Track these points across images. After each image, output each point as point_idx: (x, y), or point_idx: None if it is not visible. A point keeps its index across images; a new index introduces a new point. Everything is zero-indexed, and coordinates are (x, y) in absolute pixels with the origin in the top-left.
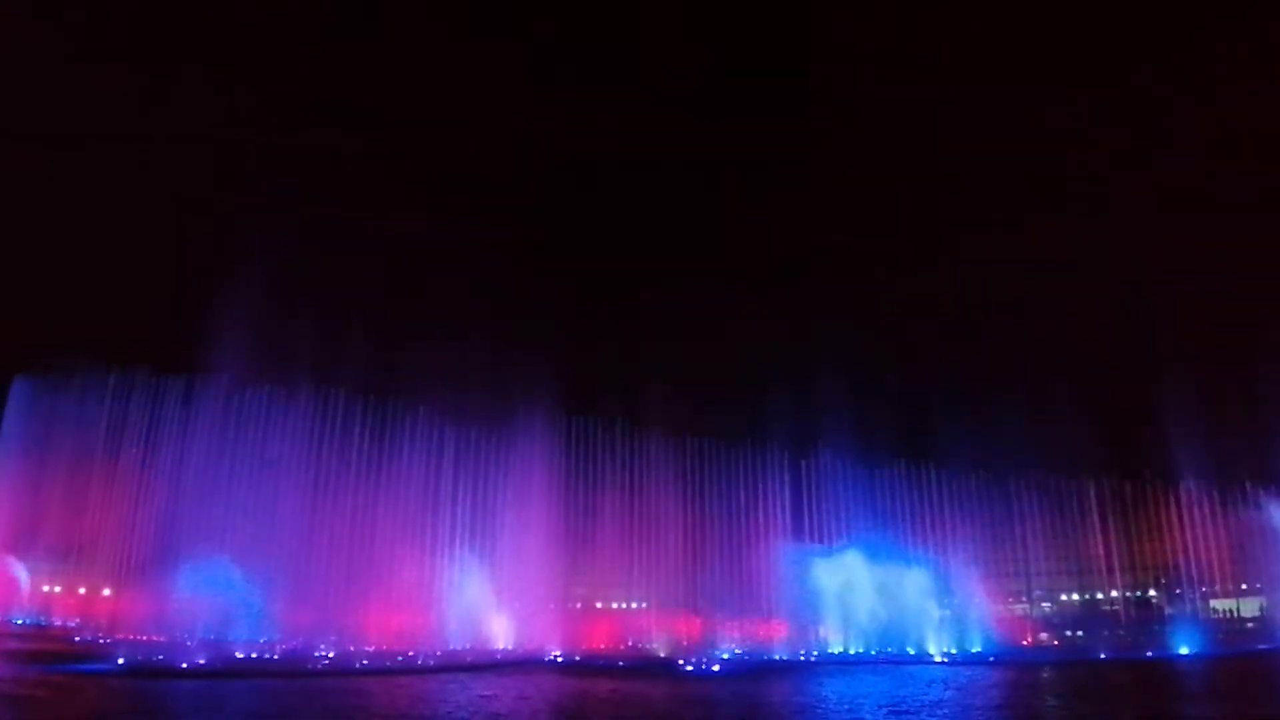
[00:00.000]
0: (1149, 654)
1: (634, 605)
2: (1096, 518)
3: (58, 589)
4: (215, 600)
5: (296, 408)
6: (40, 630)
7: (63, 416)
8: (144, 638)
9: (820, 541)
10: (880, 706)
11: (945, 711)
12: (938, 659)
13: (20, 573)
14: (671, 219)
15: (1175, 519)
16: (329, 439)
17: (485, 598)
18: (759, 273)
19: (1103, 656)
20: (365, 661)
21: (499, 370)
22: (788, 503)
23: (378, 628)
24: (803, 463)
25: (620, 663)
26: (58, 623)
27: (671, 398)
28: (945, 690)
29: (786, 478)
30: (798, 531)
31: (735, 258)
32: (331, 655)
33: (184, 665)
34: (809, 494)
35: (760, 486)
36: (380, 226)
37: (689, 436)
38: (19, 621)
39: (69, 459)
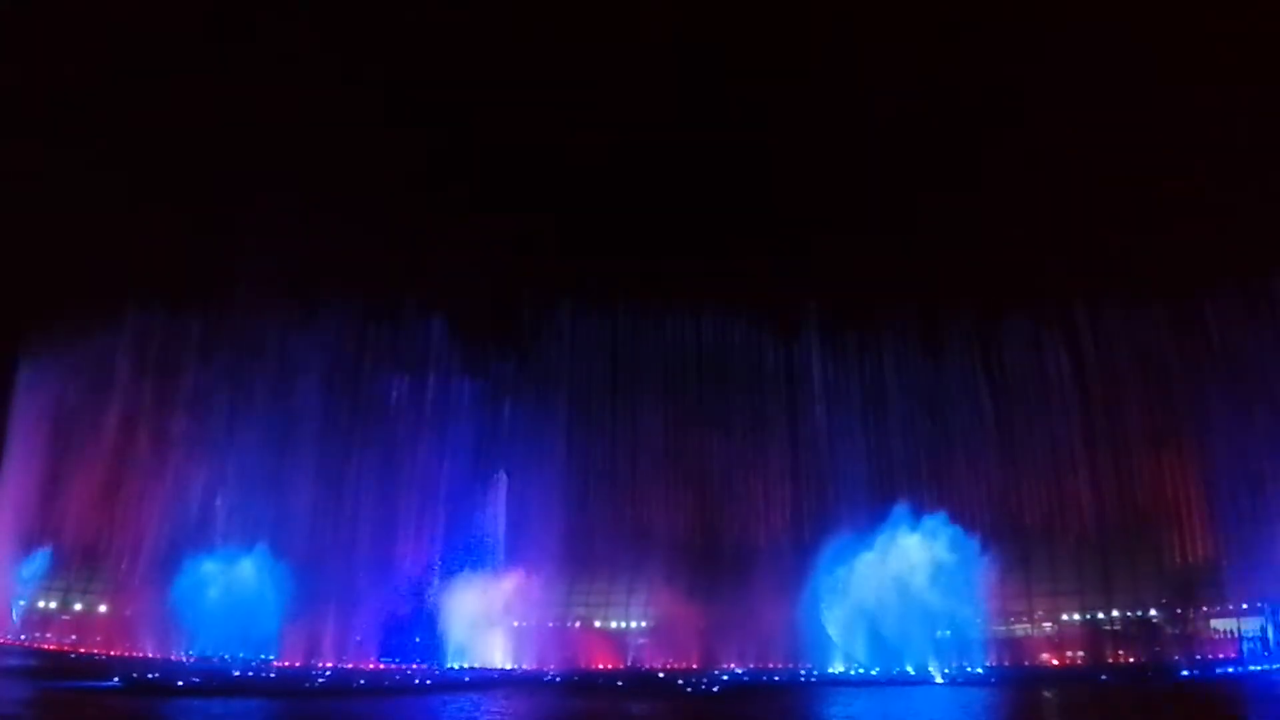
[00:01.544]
0: (1149, 674)
1: (633, 624)
2: None
3: (53, 604)
4: (219, 609)
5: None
6: (38, 646)
7: (71, 399)
8: (141, 654)
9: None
10: None
11: None
12: (939, 680)
13: (20, 588)
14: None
15: None
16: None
17: (485, 610)
18: None
19: (1104, 678)
20: (362, 681)
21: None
22: None
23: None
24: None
25: (619, 682)
26: (53, 638)
27: None
28: (950, 713)
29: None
30: None
31: None
32: (329, 673)
33: (180, 683)
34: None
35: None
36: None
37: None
38: (19, 638)
39: (78, 455)
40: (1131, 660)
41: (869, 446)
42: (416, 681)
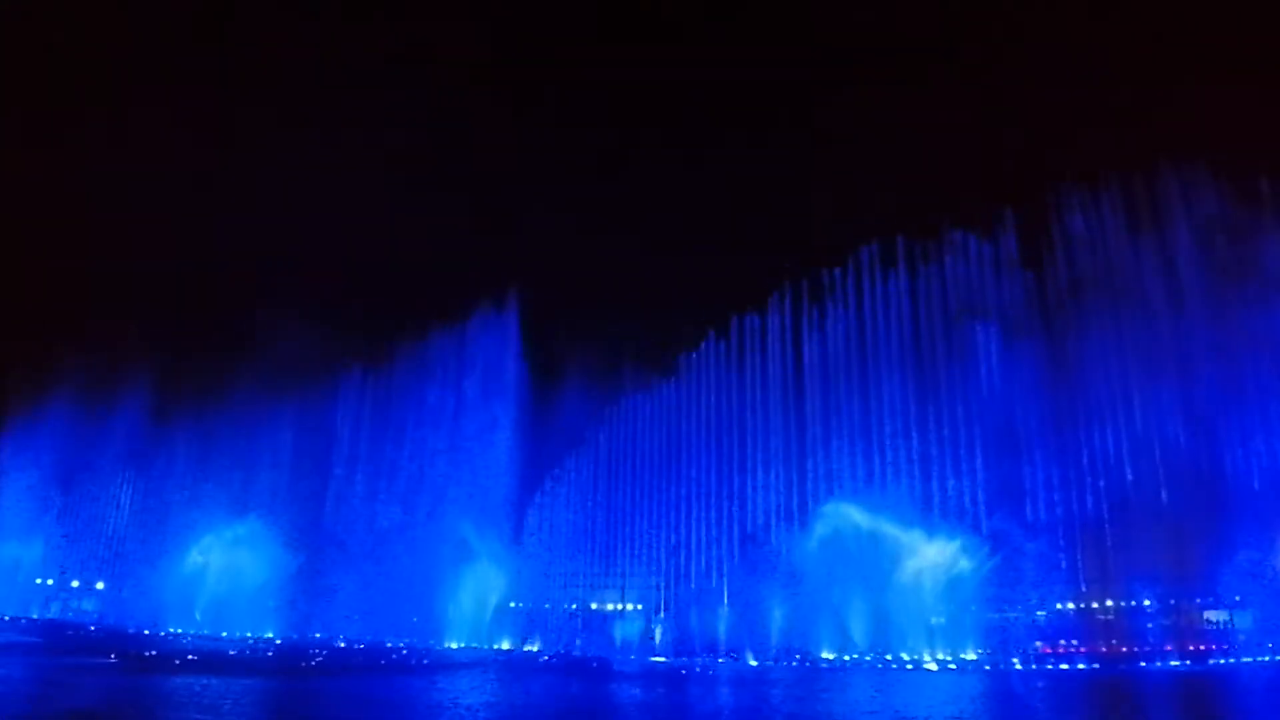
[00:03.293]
0: (1142, 664)
1: (628, 606)
2: None
3: (50, 581)
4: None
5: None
6: (36, 623)
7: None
8: (139, 631)
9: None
10: None
11: None
12: (932, 666)
13: (21, 564)
14: None
15: None
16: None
17: (483, 590)
18: None
19: (1096, 666)
20: (359, 659)
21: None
22: None
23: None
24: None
25: (613, 665)
26: (54, 616)
27: None
28: (948, 699)
29: None
30: None
31: None
32: (325, 651)
33: (177, 661)
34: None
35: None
36: None
37: None
38: (18, 614)
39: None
40: (1124, 649)
41: (866, 433)
42: (413, 661)
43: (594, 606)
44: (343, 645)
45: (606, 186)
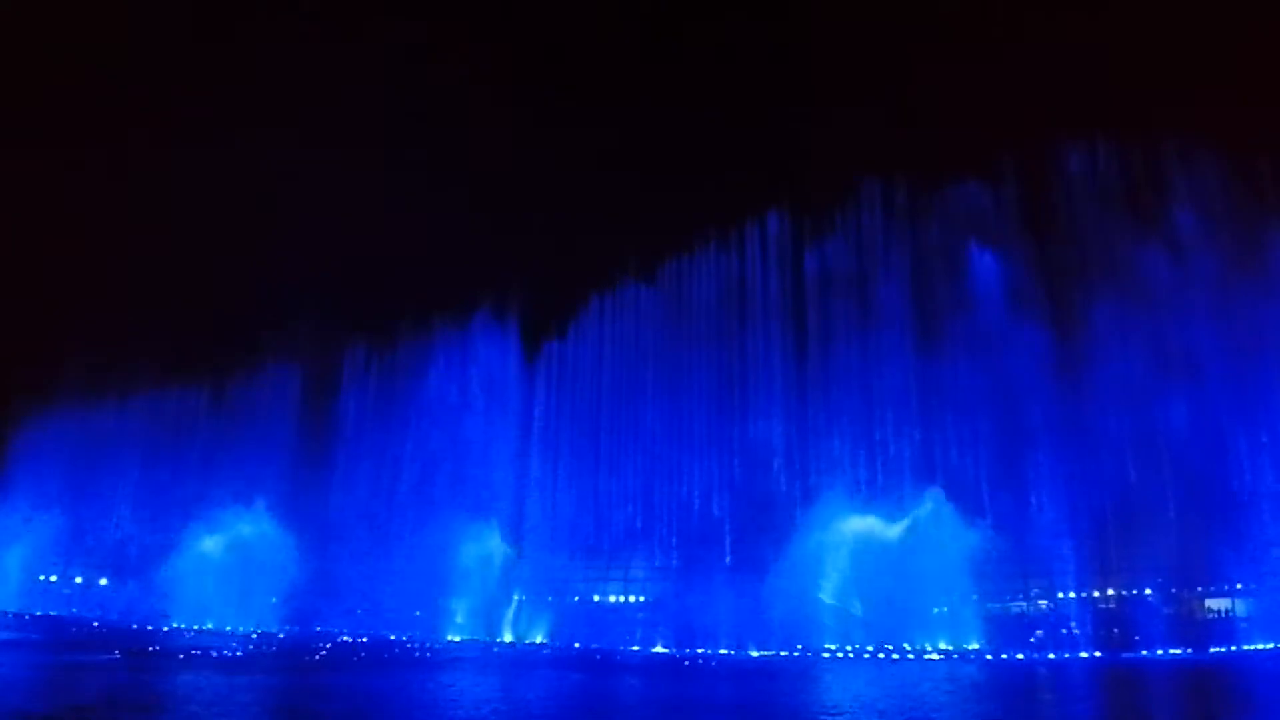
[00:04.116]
0: (1143, 652)
1: (634, 599)
2: None
3: (54, 578)
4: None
5: None
6: (40, 620)
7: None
8: (142, 626)
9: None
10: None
11: None
12: (935, 657)
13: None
14: None
15: None
16: None
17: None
18: None
19: (1099, 655)
20: (362, 654)
21: None
22: None
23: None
24: None
25: (617, 658)
26: (57, 612)
27: None
28: (950, 689)
29: None
30: None
31: None
32: (328, 647)
33: (181, 656)
34: None
35: None
36: None
37: None
38: (20, 609)
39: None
40: (1126, 638)
41: (869, 422)
42: (416, 655)
43: (596, 599)
44: (346, 640)
45: (606, 186)
